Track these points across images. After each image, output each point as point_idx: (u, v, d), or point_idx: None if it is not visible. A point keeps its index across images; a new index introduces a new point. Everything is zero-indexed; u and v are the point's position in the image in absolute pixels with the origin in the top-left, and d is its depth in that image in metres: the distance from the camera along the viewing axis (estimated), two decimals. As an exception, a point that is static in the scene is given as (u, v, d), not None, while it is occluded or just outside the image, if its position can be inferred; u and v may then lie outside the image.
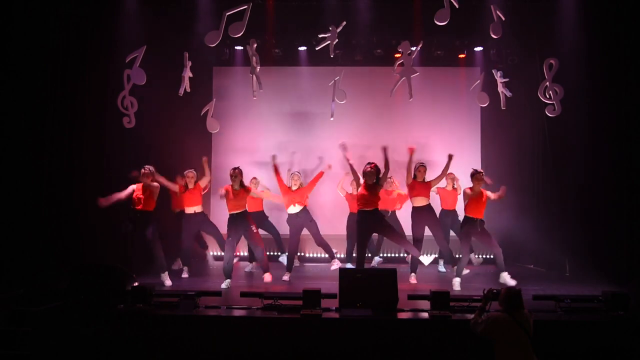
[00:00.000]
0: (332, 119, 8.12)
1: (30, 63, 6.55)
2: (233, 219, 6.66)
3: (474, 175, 6.59)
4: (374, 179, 6.33)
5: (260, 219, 7.78)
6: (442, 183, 7.50)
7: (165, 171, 6.97)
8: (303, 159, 9.18)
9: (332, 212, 8.69)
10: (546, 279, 7.11)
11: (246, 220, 6.69)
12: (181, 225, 7.42)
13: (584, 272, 7.10)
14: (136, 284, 5.61)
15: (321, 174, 7.36)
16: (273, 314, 5.02)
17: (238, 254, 8.57)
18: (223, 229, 7.21)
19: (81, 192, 7.03)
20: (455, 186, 7.73)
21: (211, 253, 8.43)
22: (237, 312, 5.14)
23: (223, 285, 6.38)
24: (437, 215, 7.40)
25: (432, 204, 7.14)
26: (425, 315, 4.98)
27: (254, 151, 9.24)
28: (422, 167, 7.13)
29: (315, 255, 8.71)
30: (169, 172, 7.22)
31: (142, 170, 6.55)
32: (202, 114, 7.56)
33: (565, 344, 4.66)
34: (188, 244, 7.34)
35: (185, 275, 7.14)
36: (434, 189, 7.33)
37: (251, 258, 7.90)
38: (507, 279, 6.43)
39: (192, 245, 7.61)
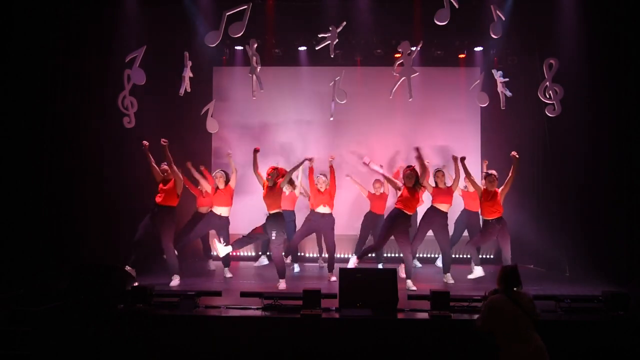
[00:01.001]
0: (331, 118, 8.12)
1: (30, 63, 6.55)
2: (268, 219, 6.55)
3: (486, 177, 6.69)
4: (413, 181, 6.41)
5: (287, 218, 7.73)
6: (462, 184, 7.62)
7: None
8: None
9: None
10: (546, 279, 7.11)
11: (279, 222, 6.54)
12: (193, 223, 7.54)
13: (584, 272, 7.10)
14: (136, 284, 5.61)
15: (331, 170, 7.35)
16: (273, 314, 5.02)
17: (237, 253, 8.60)
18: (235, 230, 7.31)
19: (81, 192, 7.03)
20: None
21: (212, 267, 8.11)
22: (237, 312, 5.13)
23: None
24: (459, 215, 7.76)
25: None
26: (425, 315, 4.97)
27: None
28: (439, 173, 7.21)
29: (315, 255, 8.70)
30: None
31: (161, 167, 6.54)
32: (202, 113, 7.56)
33: (565, 344, 4.66)
34: (193, 239, 7.30)
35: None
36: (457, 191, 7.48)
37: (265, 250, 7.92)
38: None
39: (193, 242, 7.62)
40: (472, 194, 7.67)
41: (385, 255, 8.30)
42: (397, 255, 8.50)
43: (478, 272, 6.85)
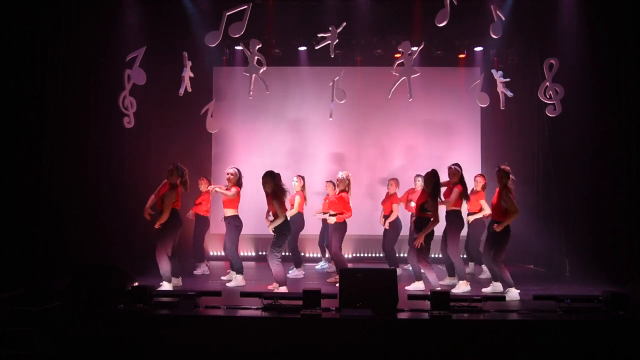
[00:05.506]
0: (331, 119, 8.12)
1: (29, 63, 6.54)
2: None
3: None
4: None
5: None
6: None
7: (164, 171, 6.95)
8: (303, 158, 9.20)
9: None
10: (546, 279, 7.11)
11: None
12: (198, 228, 7.66)
13: (584, 272, 7.10)
14: (136, 284, 5.61)
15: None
16: (273, 314, 5.02)
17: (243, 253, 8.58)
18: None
19: (81, 192, 7.02)
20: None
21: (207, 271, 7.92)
22: (237, 312, 5.13)
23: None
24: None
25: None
26: (425, 315, 4.97)
27: (254, 151, 9.24)
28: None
29: (315, 255, 8.70)
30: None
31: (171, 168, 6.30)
32: (201, 113, 7.56)
33: (565, 344, 4.66)
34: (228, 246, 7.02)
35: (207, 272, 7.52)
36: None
37: (297, 263, 7.61)
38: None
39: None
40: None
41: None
42: (398, 255, 8.46)
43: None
